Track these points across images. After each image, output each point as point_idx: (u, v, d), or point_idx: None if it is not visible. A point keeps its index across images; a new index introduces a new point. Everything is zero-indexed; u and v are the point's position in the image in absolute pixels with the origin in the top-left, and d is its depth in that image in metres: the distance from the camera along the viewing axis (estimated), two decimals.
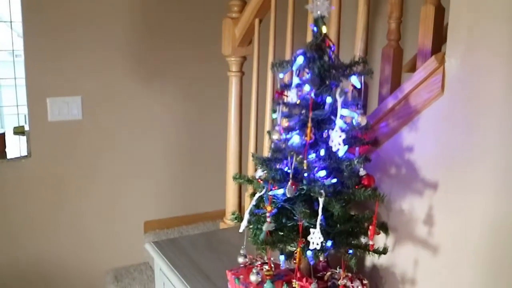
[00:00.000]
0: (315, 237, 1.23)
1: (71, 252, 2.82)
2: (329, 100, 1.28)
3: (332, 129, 1.25)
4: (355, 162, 1.27)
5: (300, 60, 1.27)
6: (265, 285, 1.30)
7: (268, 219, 1.28)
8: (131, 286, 2.73)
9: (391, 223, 1.40)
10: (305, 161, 1.25)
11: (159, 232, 3.01)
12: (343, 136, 1.23)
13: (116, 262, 2.95)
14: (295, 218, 1.31)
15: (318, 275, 1.40)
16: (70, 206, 2.78)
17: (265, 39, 1.97)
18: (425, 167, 1.31)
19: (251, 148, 2.10)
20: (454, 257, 1.26)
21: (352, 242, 1.31)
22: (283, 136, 1.29)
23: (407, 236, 1.37)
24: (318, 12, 1.23)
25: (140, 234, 3.01)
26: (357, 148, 1.33)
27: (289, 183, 1.25)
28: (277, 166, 1.34)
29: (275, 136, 1.28)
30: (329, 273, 1.39)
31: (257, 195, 1.34)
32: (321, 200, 1.23)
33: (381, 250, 1.30)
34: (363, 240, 1.34)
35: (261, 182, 1.34)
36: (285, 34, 1.86)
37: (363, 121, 1.25)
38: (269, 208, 1.28)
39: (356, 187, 1.29)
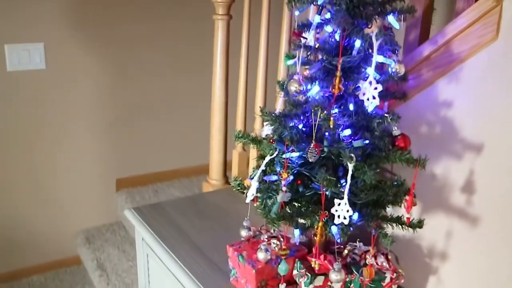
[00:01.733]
0: (342, 210, 0.98)
1: (38, 214, 2.50)
2: (358, 44, 1.01)
3: (364, 80, 0.99)
4: (389, 119, 1.01)
5: None
6: (279, 266, 1.05)
7: (284, 188, 1.02)
8: (104, 248, 2.45)
9: (419, 189, 1.15)
10: (331, 118, 0.98)
11: (132, 190, 2.72)
12: (380, 88, 0.96)
13: (87, 222, 2.65)
14: (313, 186, 1.06)
15: (334, 249, 1.15)
16: (35, 164, 2.44)
17: None
18: (466, 125, 1.06)
19: (240, 101, 1.81)
20: (497, 231, 1.03)
21: (380, 214, 1.07)
22: (303, 88, 1.01)
23: (439, 204, 1.14)
24: None
25: (112, 192, 2.70)
26: (386, 103, 1.08)
27: (312, 144, 0.98)
28: (291, 124, 1.07)
29: (293, 87, 1.00)
30: (348, 247, 1.15)
31: (267, 159, 1.08)
32: (350, 165, 0.97)
33: (415, 223, 1.06)
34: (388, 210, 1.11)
35: (273, 143, 1.06)
36: None
37: (401, 69, 0.99)
38: (285, 175, 1.02)
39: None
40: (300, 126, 1.06)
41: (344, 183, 1.01)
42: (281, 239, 1.15)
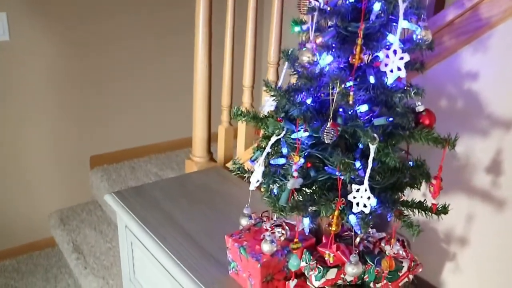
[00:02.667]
0: (362, 196, 0.85)
1: (8, 195, 2.30)
2: (377, 7, 0.87)
3: (386, 48, 0.84)
4: (412, 93, 0.87)
5: None
6: (290, 261, 0.92)
7: (295, 173, 0.88)
8: (80, 229, 2.28)
9: (436, 168, 1.03)
10: (351, 93, 0.84)
11: (107, 167, 2.53)
12: (406, 58, 0.82)
13: (60, 202, 2.46)
14: (326, 170, 0.92)
15: (346, 237, 1.03)
16: (4, 143, 2.23)
17: None
18: (493, 99, 0.94)
19: (226, 73, 1.65)
20: None
21: (399, 199, 0.94)
22: (317, 58, 0.86)
23: (460, 185, 1.02)
24: None
25: (86, 170, 2.52)
26: (405, 75, 0.94)
27: (329, 123, 0.84)
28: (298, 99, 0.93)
29: (306, 58, 0.85)
30: (360, 235, 1.02)
31: (273, 139, 0.93)
32: (373, 147, 0.84)
33: (440, 208, 0.94)
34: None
35: (281, 121, 0.92)
36: None
37: (428, 36, 0.85)
38: (296, 158, 0.88)
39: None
40: (309, 101, 0.92)
41: (360, 166, 0.88)
42: (286, 228, 1.02)
